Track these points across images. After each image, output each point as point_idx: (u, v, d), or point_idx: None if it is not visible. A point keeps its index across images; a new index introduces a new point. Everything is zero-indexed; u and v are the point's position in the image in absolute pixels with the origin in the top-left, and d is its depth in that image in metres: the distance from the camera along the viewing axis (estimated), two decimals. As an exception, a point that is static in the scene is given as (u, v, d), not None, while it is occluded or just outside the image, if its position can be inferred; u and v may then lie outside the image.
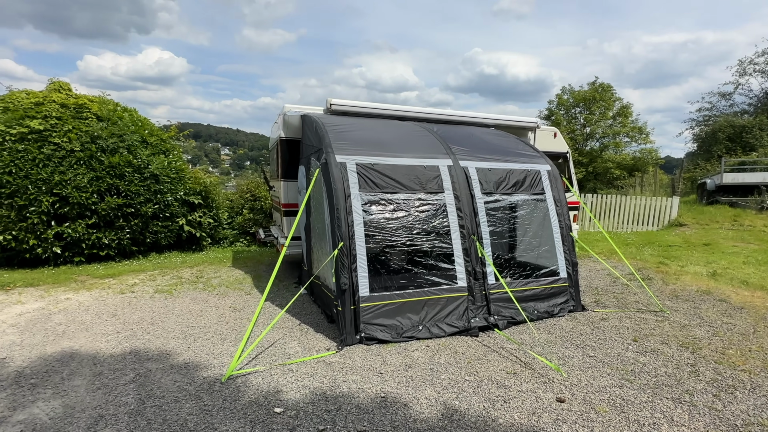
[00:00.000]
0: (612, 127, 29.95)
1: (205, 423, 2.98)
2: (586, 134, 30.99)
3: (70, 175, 6.98)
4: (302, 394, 3.37)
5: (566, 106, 31.18)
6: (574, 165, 29.53)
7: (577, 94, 30.05)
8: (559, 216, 5.65)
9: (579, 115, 31.17)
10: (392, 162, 4.97)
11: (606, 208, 12.84)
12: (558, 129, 31.70)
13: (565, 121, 31.00)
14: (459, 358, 4.07)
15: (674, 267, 7.72)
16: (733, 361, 4.02)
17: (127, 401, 3.26)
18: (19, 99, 7.22)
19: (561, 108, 31.47)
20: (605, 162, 28.78)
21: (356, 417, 3.07)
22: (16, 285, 6.31)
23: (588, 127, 30.31)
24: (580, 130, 31.19)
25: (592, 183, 28.90)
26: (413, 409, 3.19)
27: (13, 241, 6.84)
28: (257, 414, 3.08)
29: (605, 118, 29.95)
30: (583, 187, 28.90)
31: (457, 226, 5.01)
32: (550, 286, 5.43)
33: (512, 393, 3.44)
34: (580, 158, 29.34)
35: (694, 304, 5.74)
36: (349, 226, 4.49)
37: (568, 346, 4.39)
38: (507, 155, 5.79)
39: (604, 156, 29.12)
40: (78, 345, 4.32)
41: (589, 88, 29.94)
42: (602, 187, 27.13)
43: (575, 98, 30.20)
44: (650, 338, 4.59)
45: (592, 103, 29.99)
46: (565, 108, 31.47)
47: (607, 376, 3.72)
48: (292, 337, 4.60)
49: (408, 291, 4.68)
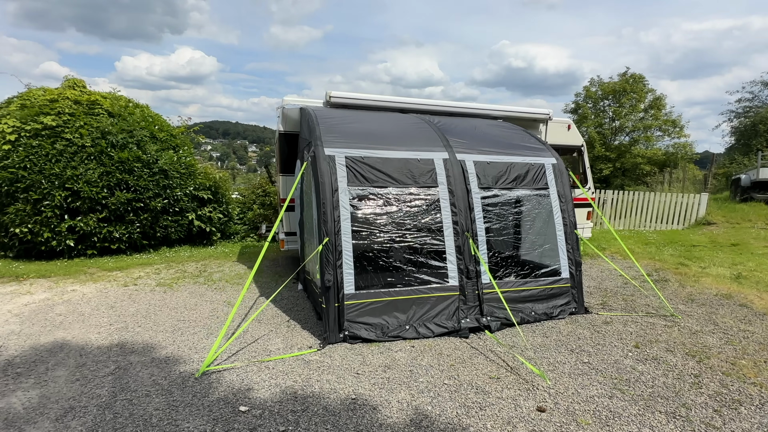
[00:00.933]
0: (643, 120, 28.59)
1: (169, 419, 2.96)
2: (614, 128, 29.75)
3: (82, 170, 7.20)
4: (272, 393, 3.31)
5: (594, 98, 29.98)
6: (601, 160, 28.47)
7: (606, 86, 28.81)
8: (563, 212, 5.36)
9: (607, 108, 29.93)
10: (384, 155, 4.82)
11: (628, 206, 12.21)
12: (586, 123, 30.61)
13: (592, 115, 29.86)
14: (442, 361, 3.91)
15: (695, 268, 7.23)
16: (743, 372, 3.69)
17: (100, 393, 3.29)
18: (36, 96, 7.50)
19: (588, 101, 30.29)
20: (634, 157, 27.55)
21: (321, 419, 2.98)
22: (30, 276, 6.57)
23: (617, 120, 29.06)
24: (608, 124, 29.98)
25: (619, 179, 27.75)
26: (382, 413, 3.07)
27: (29, 234, 7.13)
28: (222, 412, 3.04)
29: (636, 111, 28.60)
30: (610, 183, 27.79)
31: (450, 222, 4.83)
32: (551, 286, 5.16)
33: (491, 400, 3.26)
34: (607, 153, 28.22)
35: (710, 309, 5.34)
36: (335, 222, 4.40)
37: (562, 350, 4.15)
38: (509, 148, 5.53)
39: (633, 151, 27.87)
40: (71, 336, 4.42)
41: (620, 80, 28.66)
42: (630, 184, 25.99)
43: (604, 90, 28.97)
44: (654, 345, 4.28)
45: (622, 96, 28.72)
46: (593, 101, 30.27)
47: (598, 385, 3.48)
48: (278, 333, 4.56)
49: (395, 289, 4.55)
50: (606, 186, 26.75)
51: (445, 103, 6.92)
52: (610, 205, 12.35)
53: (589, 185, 8.22)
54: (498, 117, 7.16)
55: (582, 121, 29.78)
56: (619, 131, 29.86)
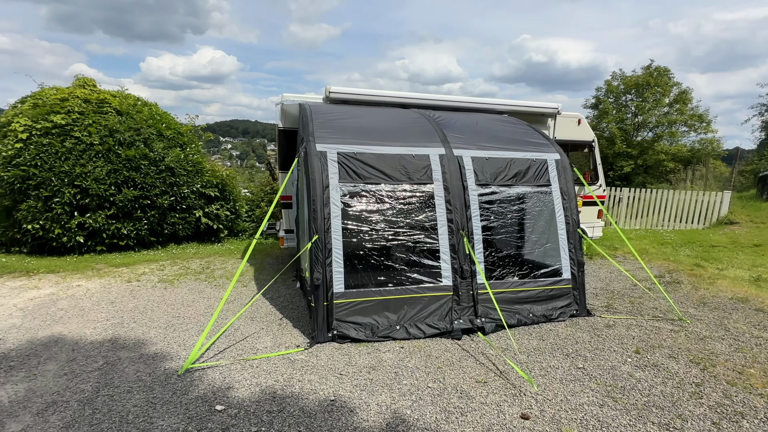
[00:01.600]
0: (667, 115, 27.57)
1: (145, 416, 2.96)
2: (637, 123, 28.79)
3: (90, 168, 7.36)
4: (252, 392, 3.28)
5: (616, 93, 29.06)
6: (622, 157, 27.59)
7: (628, 80, 27.86)
8: (566, 210, 5.17)
9: (630, 103, 28.98)
10: (378, 151, 4.73)
11: (645, 204, 11.75)
12: (607, 118, 29.70)
13: (614, 110, 28.96)
14: (430, 363, 3.81)
15: (711, 270, 6.89)
16: (750, 382, 3.46)
17: (84, 389, 3.32)
18: (47, 95, 7.71)
19: (610, 95, 29.39)
20: (657, 154, 26.61)
21: (295, 420, 2.93)
22: (40, 271, 6.76)
23: (640, 115, 28.11)
24: (630, 119, 29.04)
25: (641, 176, 26.86)
26: (359, 416, 3.00)
27: (41, 230, 7.34)
28: (198, 410, 3.02)
29: (660, 106, 27.60)
30: (631, 180, 26.93)
31: (445, 219, 4.71)
32: (551, 287, 4.98)
33: (474, 405, 3.14)
34: (628, 150, 27.33)
35: (723, 313, 5.06)
36: (324, 219, 4.33)
37: (557, 354, 3.99)
38: (510, 143, 5.36)
39: (656, 147, 26.91)
40: (68, 330, 4.50)
41: (643, 73, 27.69)
42: (653, 181, 25.12)
43: (626, 84, 28.02)
44: (656, 350, 4.07)
45: (645, 90, 27.75)
46: (614, 95, 29.35)
47: (590, 392, 3.32)
48: (269, 331, 4.54)
49: (387, 288, 4.46)
50: (627, 183, 25.96)
51: (447, 98, 6.76)
52: (626, 203, 11.91)
53: (600, 182, 7.93)
54: (503, 112, 6.96)
55: (602, 117, 28.95)
56: (641, 127, 28.89)
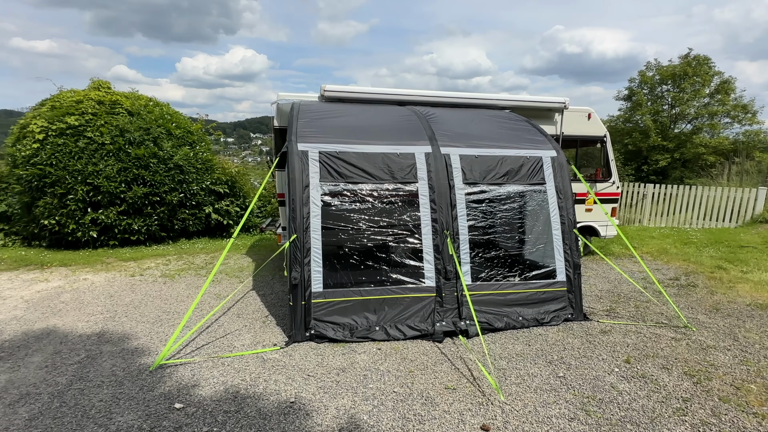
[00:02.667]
0: (708, 106, 25.93)
1: (107, 411, 3.02)
2: (673, 115, 27.24)
3: (102, 166, 7.66)
4: (215, 391, 3.29)
5: (651, 84, 27.56)
6: (657, 151, 26.19)
7: (664, 70, 26.34)
8: (561, 209, 4.91)
9: (666, 94, 27.44)
10: (361, 150, 4.64)
11: (672, 201, 11.06)
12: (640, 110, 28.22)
13: (648, 102, 27.49)
14: (404, 366, 3.70)
15: (734, 273, 6.39)
16: (747, 399, 3.16)
17: (59, 381, 3.43)
18: (64, 98, 8.07)
19: (644, 86, 27.91)
20: (696, 147, 25.09)
21: (248, 422, 2.90)
22: (53, 264, 7.11)
23: (677, 107, 26.57)
24: (666, 111, 27.50)
25: (678, 171, 25.42)
26: (314, 419, 2.94)
27: (57, 226, 7.72)
28: (157, 408, 3.05)
29: (699, 96, 25.97)
30: (668, 175, 25.56)
31: (429, 219, 4.57)
32: (543, 290, 4.75)
33: (436, 413, 3.02)
34: (664, 143, 25.92)
35: (735, 321, 4.67)
36: (303, 218, 4.30)
37: (539, 361, 3.79)
38: (503, 140, 5.14)
39: (695, 140, 25.37)
40: (62, 323, 4.69)
41: (681, 62, 26.11)
42: (691, 176, 23.72)
43: (662, 75, 26.52)
44: (649, 360, 3.79)
45: (683, 80, 26.18)
46: (649, 86, 27.85)
47: (564, 404, 3.12)
48: (251, 328, 4.56)
49: (366, 288, 4.38)
50: (663, 179, 24.63)
51: (445, 94, 6.56)
52: (651, 200, 11.25)
53: (614, 179, 7.50)
54: (505, 107, 6.69)
55: (636, 109, 27.57)
56: (679, 119, 27.32)
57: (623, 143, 27.08)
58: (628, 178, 22.99)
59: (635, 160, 26.96)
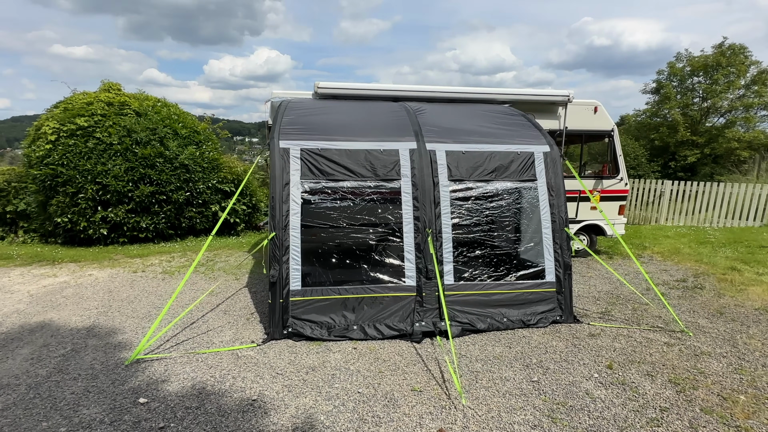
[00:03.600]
0: (743, 98, 24.55)
1: (75, 404, 3.10)
2: (705, 108, 25.95)
3: (110, 166, 7.93)
4: (182, 387, 3.33)
5: (681, 75, 26.29)
6: (686, 146, 25.02)
7: (695, 61, 25.06)
8: (552, 207, 4.73)
9: (697, 86, 26.13)
10: (344, 146, 4.60)
11: (693, 199, 10.50)
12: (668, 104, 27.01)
13: (678, 94, 26.26)
14: (375, 366, 3.65)
15: (748, 275, 6.01)
16: (732, 411, 2.94)
17: (39, 373, 3.55)
18: (76, 100, 8.39)
19: (674, 78, 26.66)
20: (729, 141, 23.82)
21: (206, 419, 2.92)
22: (64, 260, 7.41)
23: (708, 99, 25.28)
24: (697, 104, 26.21)
25: (708, 167, 24.19)
26: (271, 418, 2.93)
27: (70, 223, 8.04)
28: (123, 402, 3.12)
29: (734, 88, 24.60)
30: (697, 172, 24.38)
31: (411, 217, 4.48)
32: (531, 290, 4.59)
33: (395, 415, 2.96)
34: (693, 138, 24.73)
35: (739, 326, 4.38)
36: (282, 216, 4.30)
37: (516, 365, 3.66)
38: (493, 136, 4.99)
39: (727, 134, 24.09)
40: (58, 317, 4.87)
41: (714, 52, 24.77)
42: (722, 172, 22.52)
43: (693, 66, 25.25)
44: (634, 366, 3.60)
45: (715, 70, 24.86)
46: (679, 78, 26.57)
47: (531, 410, 3.00)
48: (234, 325, 4.61)
49: (345, 287, 4.34)
50: (692, 175, 23.52)
51: (441, 89, 6.44)
52: (669, 197, 10.72)
53: (621, 175, 7.18)
54: (505, 101, 6.51)
55: (663, 103, 26.40)
56: (710, 112, 25.99)
57: (649, 138, 25.99)
58: (654, 175, 22.06)
59: (662, 156, 25.83)
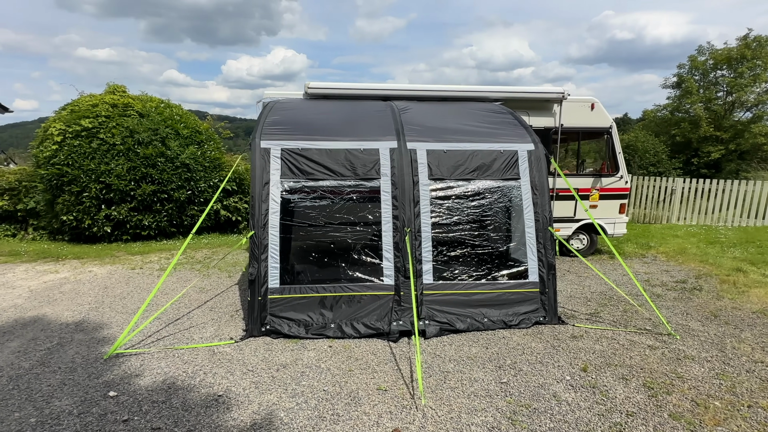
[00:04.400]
0: (770, 91, 23.56)
1: (49, 395, 3.20)
2: (729, 103, 25.00)
3: (113, 165, 8.15)
4: (153, 381, 3.40)
5: (703, 69, 25.38)
6: (710, 142, 24.13)
7: (719, 54, 24.15)
8: (536, 206, 4.63)
9: (721, 80, 25.18)
10: (324, 146, 4.61)
11: (706, 197, 10.11)
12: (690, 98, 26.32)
13: (700, 89, 25.36)
14: (346, 364, 3.65)
15: (753, 276, 5.76)
16: (702, 418, 2.83)
17: (22, 366, 3.68)
18: (83, 102, 8.66)
19: (695, 72, 25.76)
20: (755, 137, 22.91)
21: (170, 413, 2.97)
22: (68, 257, 7.66)
23: (733, 93, 24.33)
24: (721, 98, 25.26)
25: (734, 164, 23.29)
26: (232, 414, 2.96)
27: (75, 221, 8.31)
28: (94, 395, 3.20)
29: (760, 81, 23.60)
30: (721, 169, 23.51)
31: (390, 216, 4.46)
32: (512, 290, 4.51)
33: (355, 414, 2.95)
34: (718, 133, 23.86)
35: (732, 330, 4.21)
36: (261, 215, 4.34)
37: (488, 366, 3.60)
38: (477, 134, 4.92)
39: (754, 129, 23.16)
40: (51, 312, 5.03)
41: (738, 45, 23.82)
42: (747, 169, 21.67)
43: (716, 59, 24.34)
44: (609, 369, 3.49)
45: (740, 63, 23.91)
46: (701, 72, 25.65)
47: (492, 411, 2.94)
48: (217, 321, 4.68)
49: (323, 285, 4.36)
50: (716, 172, 22.70)
51: (432, 87, 6.37)
52: (680, 195, 10.35)
53: (621, 173, 6.98)
54: (497, 99, 6.40)
55: (685, 97, 25.53)
56: (735, 106, 25.01)
57: (670, 134, 25.19)
58: (675, 172, 21.35)
59: (684, 152, 25.00)
